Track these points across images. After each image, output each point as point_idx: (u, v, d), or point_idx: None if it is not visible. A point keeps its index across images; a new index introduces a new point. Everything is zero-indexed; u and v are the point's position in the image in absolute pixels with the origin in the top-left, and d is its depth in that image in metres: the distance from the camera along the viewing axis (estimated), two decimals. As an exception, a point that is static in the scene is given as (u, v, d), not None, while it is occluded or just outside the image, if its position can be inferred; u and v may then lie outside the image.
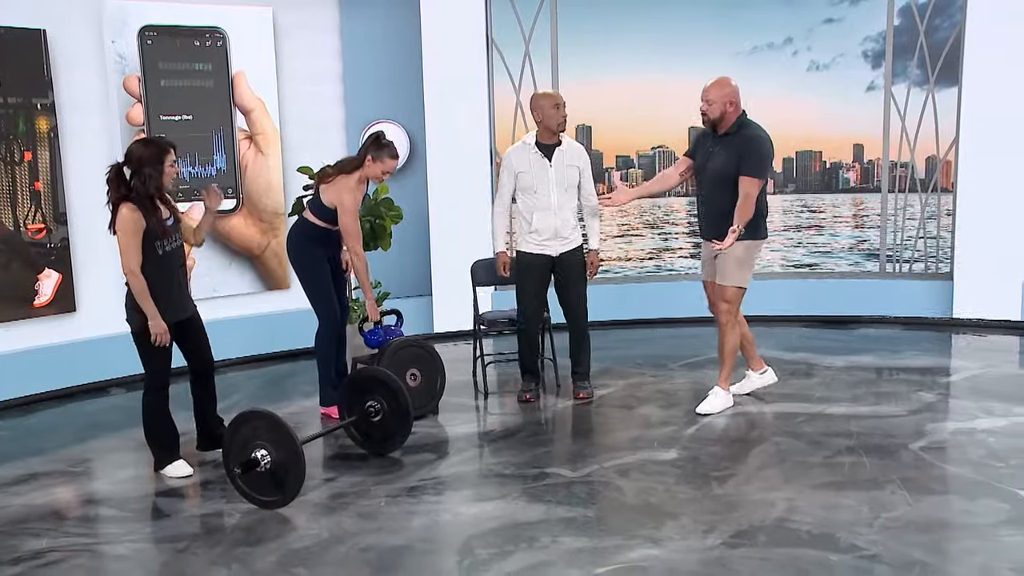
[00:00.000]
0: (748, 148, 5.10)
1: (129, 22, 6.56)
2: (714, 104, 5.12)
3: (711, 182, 5.25)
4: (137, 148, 4.50)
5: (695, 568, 3.49)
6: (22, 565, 3.74)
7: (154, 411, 4.67)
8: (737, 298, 5.33)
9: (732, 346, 5.39)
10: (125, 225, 4.40)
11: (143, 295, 4.45)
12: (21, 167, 6.18)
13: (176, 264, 4.64)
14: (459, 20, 7.53)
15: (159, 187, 4.50)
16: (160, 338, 4.50)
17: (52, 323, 6.38)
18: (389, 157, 5.33)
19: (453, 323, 7.59)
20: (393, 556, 3.69)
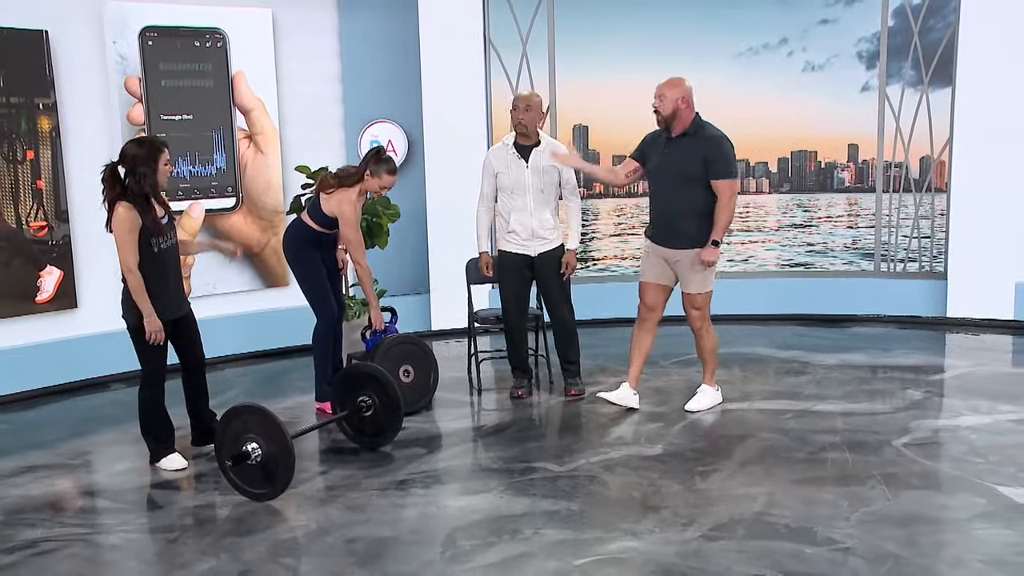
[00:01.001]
0: (714, 150, 5.09)
1: (130, 23, 6.66)
2: (666, 100, 5.10)
3: (668, 184, 5.22)
4: (131, 147, 4.59)
5: (672, 559, 3.56)
6: (17, 554, 3.84)
7: (150, 405, 4.76)
8: (707, 303, 5.32)
9: (712, 347, 5.42)
10: (121, 224, 4.49)
11: (139, 292, 4.54)
12: (23, 166, 6.29)
13: (171, 262, 4.73)
14: (457, 21, 7.61)
15: (153, 185, 4.58)
16: (155, 336, 4.59)
17: (54, 319, 6.48)
18: (387, 173, 5.39)
19: (450, 321, 7.66)
20: (378, 547, 3.77)
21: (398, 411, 4.92)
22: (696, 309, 5.31)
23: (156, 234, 4.59)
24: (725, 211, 5.11)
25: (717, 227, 5.12)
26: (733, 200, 5.13)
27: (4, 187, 6.21)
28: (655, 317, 5.46)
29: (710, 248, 5.13)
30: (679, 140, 5.17)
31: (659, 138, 5.29)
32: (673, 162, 5.18)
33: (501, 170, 5.63)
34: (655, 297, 5.41)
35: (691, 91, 5.16)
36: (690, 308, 5.32)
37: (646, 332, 5.50)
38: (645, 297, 5.44)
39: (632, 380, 5.52)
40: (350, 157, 7.73)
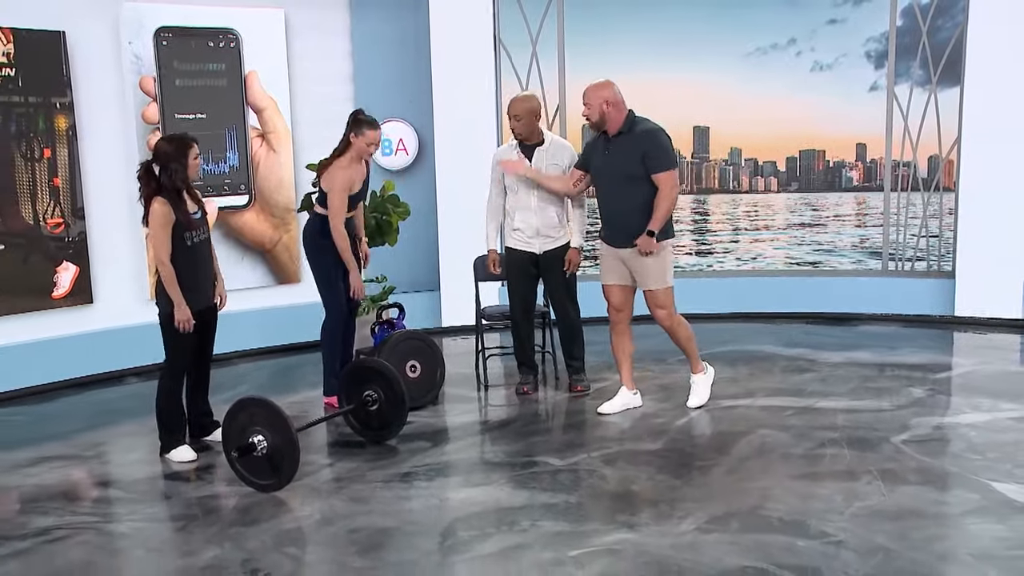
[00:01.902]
0: (649, 143, 5.11)
1: (145, 24, 6.79)
2: (592, 106, 5.15)
3: (612, 184, 5.24)
4: (163, 145, 4.78)
5: (666, 551, 3.63)
6: (29, 541, 3.95)
7: (168, 393, 4.91)
8: (669, 298, 5.31)
9: (687, 337, 5.40)
10: (156, 219, 4.68)
11: (171, 283, 4.71)
12: (41, 164, 6.42)
13: (203, 255, 4.91)
14: (467, 21, 7.69)
15: (184, 180, 4.76)
16: (184, 325, 4.75)
17: (70, 314, 6.62)
18: (369, 129, 5.49)
19: (460, 318, 7.74)
20: (379, 537, 3.86)
21: (403, 405, 5.00)
22: (660, 308, 5.30)
23: (189, 228, 4.76)
24: (664, 202, 5.10)
25: (655, 217, 5.11)
26: (674, 191, 5.14)
27: (22, 185, 6.35)
28: (625, 317, 5.47)
29: (644, 237, 5.12)
30: (616, 140, 5.20)
31: (598, 140, 5.34)
32: (614, 162, 5.21)
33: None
34: (620, 298, 5.43)
35: (617, 92, 5.18)
36: (654, 307, 5.31)
37: (620, 334, 5.52)
38: (611, 299, 5.47)
39: (627, 383, 5.56)
40: (362, 156, 7.83)
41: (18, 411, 6.06)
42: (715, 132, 8.00)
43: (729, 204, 8.22)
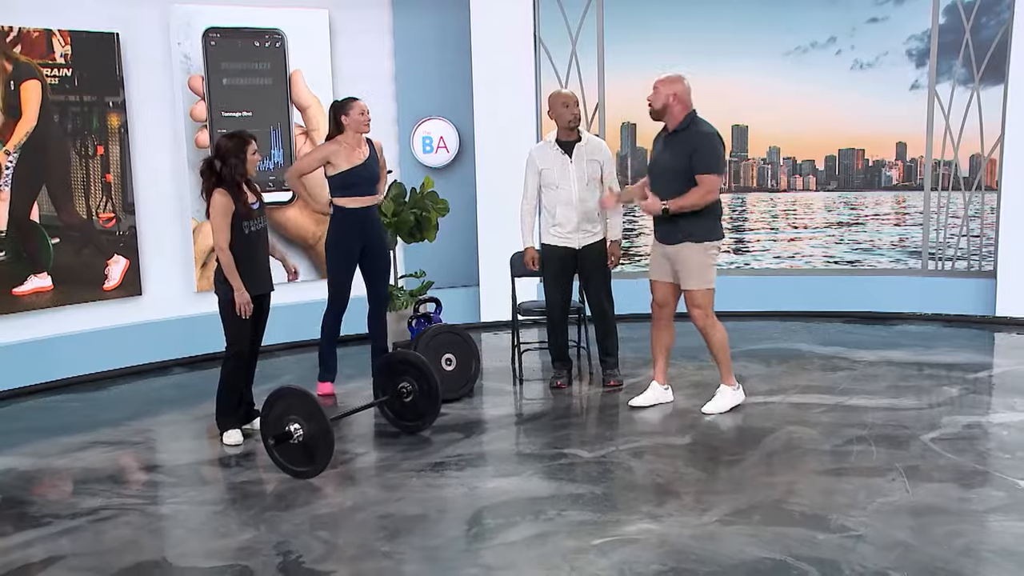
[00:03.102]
0: (700, 144, 5.14)
1: (194, 24, 7.00)
2: (658, 94, 5.21)
3: (661, 179, 5.29)
4: (223, 141, 5.02)
5: (686, 542, 3.71)
6: (79, 519, 4.15)
7: (228, 375, 5.12)
8: (707, 300, 5.32)
9: (720, 343, 5.38)
10: (215, 208, 4.91)
11: (231, 270, 4.93)
12: (94, 160, 6.66)
13: (260, 243, 5.14)
14: (508, 20, 7.80)
15: (243, 173, 4.99)
16: (244, 308, 4.96)
17: (120, 305, 6.86)
18: (352, 103, 5.70)
19: (499, 313, 7.84)
20: (408, 523, 3.98)
21: (437, 398, 5.13)
22: (697, 307, 5.31)
23: (246, 217, 4.98)
24: (694, 195, 5.12)
25: (680, 199, 5.13)
26: (709, 195, 5.15)
27: (76, 180, 6.59)
28: (667, 313, 5.53)
29: (655, 200, 5.18)
30: (672, 137, 5.27)
31: (659, 136, 5.43)
32: (666, 159, 5.28)
33: (545, 166, 5.80)
34: (663, 293, 5.49)
35: (687, 89, 5.24)
36: (691, 306, 5.33)
37: (661, 329, 5.58)
38: (655, 294, 5.53)
39: (660, 377, 5.63)
40: (403, 153, 8.00)
41: (72, 398, 6.30)
42: (754, 131, 8.01)
43: (767, 203, 8.23)
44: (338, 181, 5.71)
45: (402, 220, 6.57)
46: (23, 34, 6.27)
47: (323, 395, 5.91)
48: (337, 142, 5.70)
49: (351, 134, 5.70)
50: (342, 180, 5.69)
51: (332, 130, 5.75)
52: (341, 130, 5.70)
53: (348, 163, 5.68)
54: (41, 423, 5.72)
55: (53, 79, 6.42)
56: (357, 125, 5.69)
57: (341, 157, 5.67)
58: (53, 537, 3.98)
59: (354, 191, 5.72)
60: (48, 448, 5.19)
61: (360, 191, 5.74)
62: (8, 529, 4.10)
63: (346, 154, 5.69)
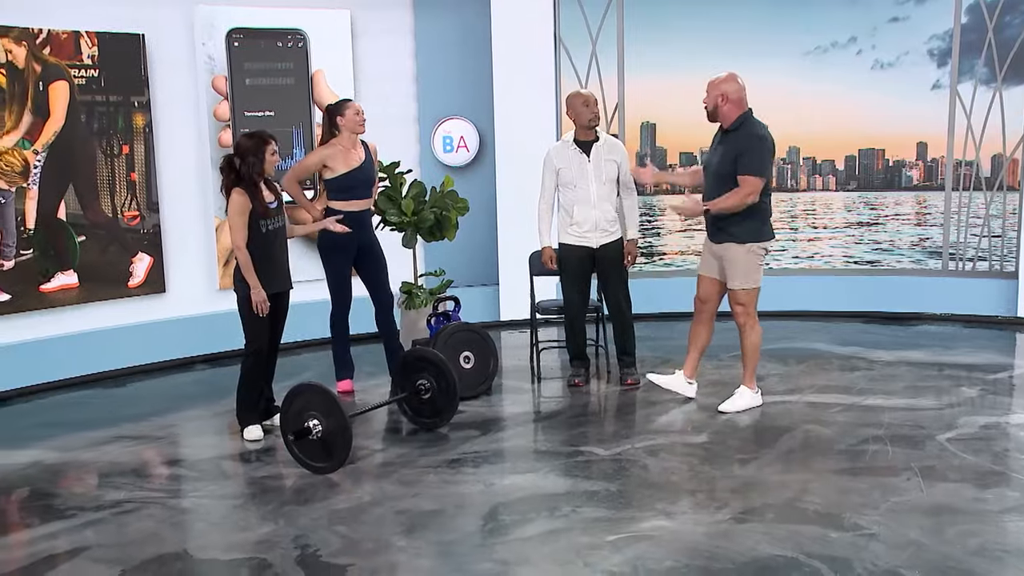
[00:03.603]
0: (747, 145, 5.17)
1: (218, 25, 7.08)
2: (709, 96, 5.26)
3: (712, 178, 5.34)
4: (243, 140, 5.09)
5: (699, 539, 3.74)
6: (103, 512, 4.24)
7: (248, 372, 5.20)
8: (750, 299, 5.36)
9: (753, 345, 5.42)
10: (234, 207, 4.98)
11: (247, 268, 5.00)
12: (119, 159, 6.76)
13: (278, 241, 5.20)
14: (528, 20, 7.83)
15: (260, 172, 5.06)
16: (261, 307, 5.04)
17: (144, 302, 6.96)
18: (347, 104, 5.77)
19: (518, 312, 7.89)
20: (424, 518, 4.04)
21: (454, 395, 5.18)
22: (739, 305, 5.35)
23: (264, 216, 5.05)
24: (735, 197, 5.15)
25: (719, 200, 5.18)
26: (749, 197, 5.15)
27: (102, 179, 6.70)
28: (709, 309, 5.57)
29: (697, 202, 5.28)
30: (725, 136, 5.32)
31: (715, 134, 5.46)
32: (716, 158, 5.33)
33: (563, 165, 5.84)
34: (707, 289, 5.53)
35: (738, 88, 5.25)
36: (733, 303, 5.38)
37: (701, 324, 5.62)
38: (699, 289, 5.57)
39: (688, 370, 5.67)
40: (424, 153, 8.05)
41: (97, 393, 6.40)
42: (773, 130, 7.92)
43: (786, 202, 8.22)
44: (335, 184, 5.76)
45: (422, 219, 6.62)
46: (52, 36, 6.37)
47: (342, 392, 5.98)
48: (333, 145, 5.74)
49: (347, 136, 5.75)
50: (339, 183, 5.75)
51: (326, 133, 5.80)
52: (336, 133, 5.75)
53: (346, 166, 5.74)
54: (67, 418, 5.82)
55: (80, 79, 6.52)
56: (353, 126, 5.74)
57: (338, 160, 5.73)
58: (78, 528, 4.06)
59: (351, 194, 5.78)
60: (73, 442, 5.29)
61: (357, 194, 5.80)
62: (34, 520, 4.20)
63: (343, 157, 5.74)
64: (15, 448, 5.21)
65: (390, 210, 6.54)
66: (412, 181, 6.72)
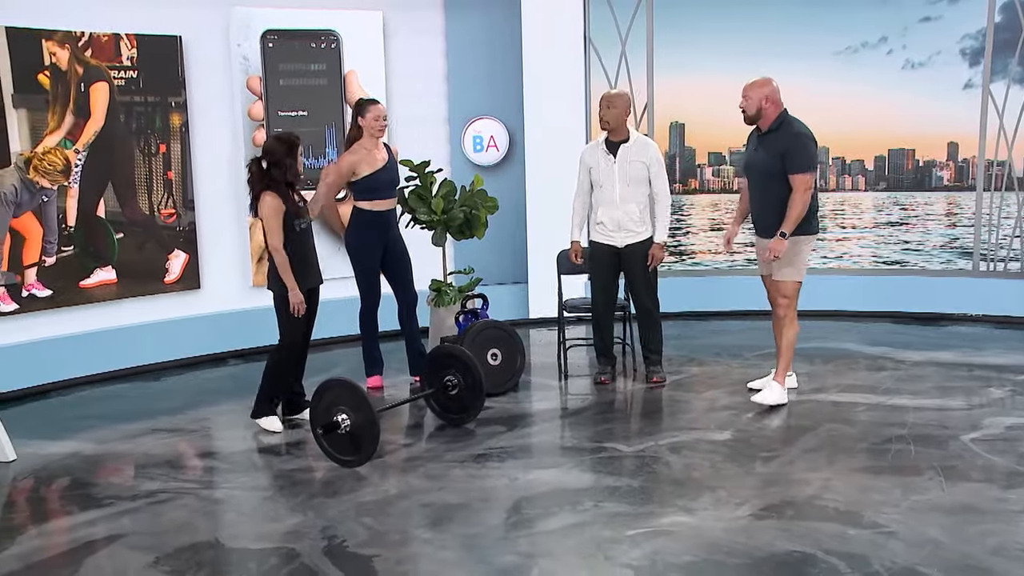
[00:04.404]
0: (792, 143, 5.25)
1: (253, 27, 7.22)
2: (750, 100, 5.33)
3: (756, 178, 5.44)
4: (275, 144, 5.19)
5: (719, 535, 3.79)
6: (138, 501, 4.37)
7: (277, 365, 5.33)
8: (794, 292, 5.46)
9: (790, 340, 5.52)
10: (269, 211, 5.09)
11: (285, 269, 5.13)
12: (156, 158, 6.92)
13: (309, 240, 5.34)
14: (558, 21, 7.90)
15: (296, 175, 5.18)
16: (298, 308, 5.17)
17: (179, 298, 7.12)
18: (370, 105, 5.85)
19: (547, 310, 7.95)
20: (449, 512, 4.12)
21: (481, 391, 5.26)
22: (784, 297, 5.47)
23: (297, 216, 5.17)
24: (796, 204, 5.25)
25: (787, 220, 5.27)
26: (806, 195, 5.26)
27: (140, 178, 6.86)
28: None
29: (777, 239, 5.28)
30: (766, 136, 5.39)
31: (752, 136, 5.55)
32: (760, 158, 5.40)
33: (592, 165, 5.92)
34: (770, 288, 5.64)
35: (777, 90, 5.35)
36: (778, 295, 5.49)
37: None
38: (767, 287, 5.69)
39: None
40: (454, 152, 8.14)
41: (133, 387, 6.56)
42: (803, 130, 8.00)
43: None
44: (361, 185, 5.86)
45: (452, 217, 6.70)
46: (94, 38, 6.54)
47: (372, 388, 6.09)
48: (356, 152, 5.83)
49: (367, 137, 5.86)
50: (364, 185, 5.84)
51: (353, 129, 5.91)
52: (359, 130, 5.87)
53: (370, 168, 5.83)
54: (105, 410, 5.98)
55: (120, 80, 6.69)
56: (371, 129, 5.84)
57: (363, 164, 5.82)
58: (114, 517, 4.19)
59: (376, 194, 5.87)
60: (111, 434, 5.44)
61: (382, 194, 5.89)
62: (74, 509, 4.34)
63: (368, 159, 5.83)
64: (56, 439, 5.37)
65: (420, 209, 6.63)
66: (442, 180, 6.80)
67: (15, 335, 6.35)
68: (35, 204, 6.37)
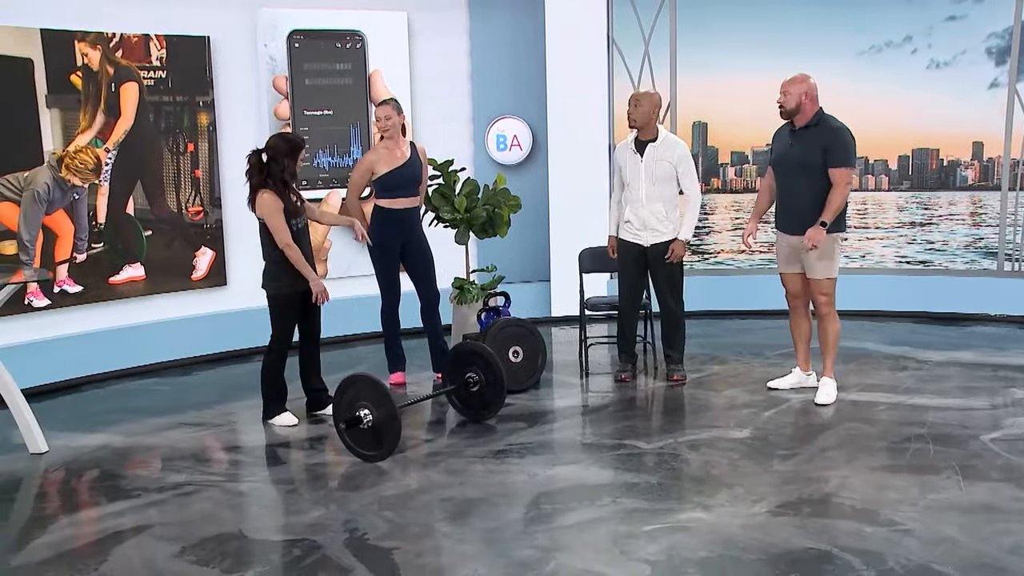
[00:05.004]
0: (833, 139, 5.32)
1: (279, 27, 7.32)
2: (790, 96, 5.37)
3: (790, 172, 5.46)
4: (278, 142, 5.25)
5: (735, 531, 3.83)
6: (165, 493, 4.47)
7: (271, 367, 5.42)
8: (831, 288, 5.51)
9: (836, 333, 5.56)
10: (270, 209, 5.15)
11: (300, 262, 5.22)
12: (184, 157, 7.03)
13: (304, 240, 5.38)
14: (582, 21, 7.94)
15: (293, 174, 5.23)
16: (321, 296, 5.28)
17: (206, 295, 7.24)
18: (380, 105, 5.98)
19: (569, 308, 7.99)
20: (468, 506, 4.18)
21: (502, 388, 5.32)
22: (824, 295, 5.50)
23: (294, 215, 5.23)
24: (837, 196, 5.30)
25: (827, 209, 5.30)
26: (847, 188, 5.33)
27: (168, 176, 6.97)
28: (802, 303, 5.71)
29: (817, 227, 5.30)
30: (802, 132, 5.42)
31: (784, 131, 5.58)
32: (795, 153, 5.44)
33: (622, 164, 6.00)
34: (796, 284, 5.66)
35: (815, 87, 5.41)
36: (817, 293, 5.52)
37: (799, 318, 5.76)
38: (787, 286, 5.72)
39: (802, 364, 5.81)
40: (478, 151, 8.21)
41: (161, 381, 6.68)
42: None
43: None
44: (380, 183, 5.95)
45: (475, 216, 6.76)
46: (124, 39, 6.65)
47: (395, 384, 6.16)
48: (376, 150, 5.96)
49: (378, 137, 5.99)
50: (383, 183, 5.93)
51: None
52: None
53: (388, 166, 5.92)
54: (133, 404, 6.10)
55: (149, 80, 6.80)
56: (377, 128, 5.96)
57: (381, 163, 5.92)
58: (142, 508, 4.29)
59: (395, 192, 5.95)
60: (139, 428, 5.55)
61: (401, 192, 5.96)
62: (103, 500, 4.44)
63: (385, 158, 5.92)
64: (87, 432, 5.49)
65: (444, 207, 6.70)
66: (465, 179, 6.87)
67: (47, 330, 6.48)
68: (67, 202, 6.50)
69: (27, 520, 4.30)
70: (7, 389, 5.05)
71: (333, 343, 7.25)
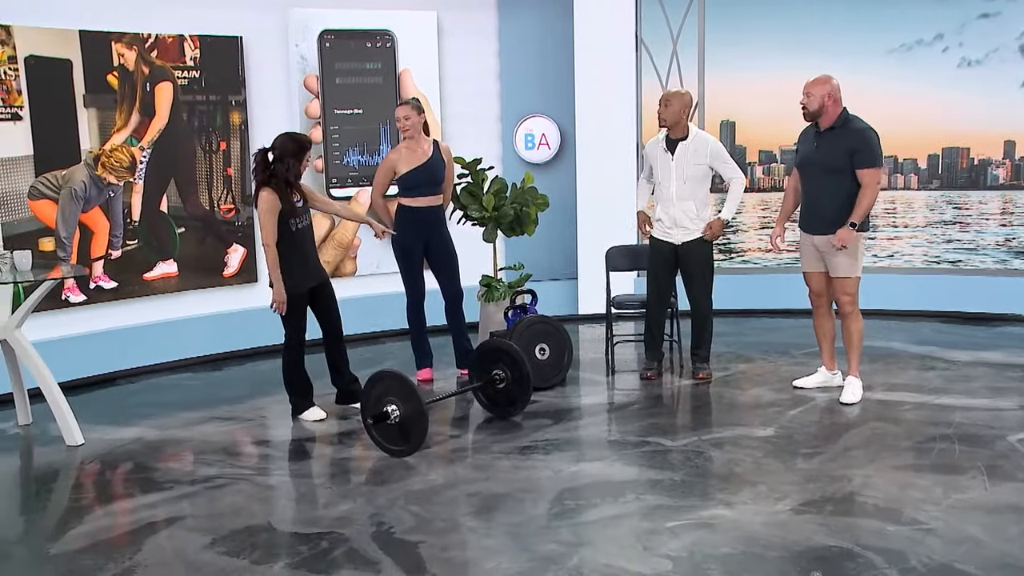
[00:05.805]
0: (860, 140, 5.32)
1: (311, 27, 7.41)
2: (813, 97, 5.37)
3: (816, 174, 5.47)
4: (286, 141, 5.32)
5: (757, 528, 3.86)
6: (197, 486, 4.57)
7: (290, 363, 5.52)
8: (855, 288, 5.51)
9: (860, 332, 5.56)
10: (265, 205, 5.22)
11: (273, 265, 5.28)
12: (217, 155, 7.14)
13: (307, 239, 5.46)
14: (610, 21, 7.96)
15: (297, 175, 5.32)
16: (279, 305, 5.32)
17: (238, 291, 7.35)
18: (399, 105, 6.10)
19: (597, 306, 8.01)
20: (493, 501, 4.24)
21: (528, 385, 5.37)
22: (847, 295, 5.50)
23: (293, 215, 5.29)
24: (867, 197, 5.32)
25: (857, 210, 5.31)
26: (876, 188, 5.34)
27: (201, 174, 7.09)
28: (825, 302, 5.73)
29: (847, 228, 5.31)
30: (827, 133, 5.43)
31: (808, 133, 5.58)
32: (820, 154, 5.44)
33: (653, 162, 6.04)
34: (819, 284, 5.67)
35: (838, 88, 5.40)
36: (841, 293, 5.52)
37: (822, 317, 5.77)
38: (810, 285, 5.73)
39: (827, 363, 5.82)
40: (506, 150, 8.26)
41: (193, 376, 6.80)
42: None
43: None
44: (401, 183, 6.04)
45: (502, 214, 6.81)
46: (159, 40, 6.77)
47: (422, 381, 6.23)
48: (396, 150, 6.06)
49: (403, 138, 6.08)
50: (404, 182, 6.02)
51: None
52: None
53: (408, 165, 5.99)
54: (167, 398, 6.22)
55: (183, 80, 6.92)
56: (397, 125, 6.05)
57: (402, 163, 6.00)
58: (174, 500, 4.39)
59: (416, 191, 6.02)
60: (171, 421, 5.66)
61: (422, 191, 6.03)
62: (136, 491, 4.55)
63: (406, 158, 6.00)
64: (121, 425, 5.61)
65: (472, 205, 6.75)
66: (494, 177, 6.91)
67: (83, 325, 6.61)
68: (103, 199, 6.63)
69: (64, 510, 4.42)
70: (45, 383, 5.18)
71: (361, 339, 7.34)
